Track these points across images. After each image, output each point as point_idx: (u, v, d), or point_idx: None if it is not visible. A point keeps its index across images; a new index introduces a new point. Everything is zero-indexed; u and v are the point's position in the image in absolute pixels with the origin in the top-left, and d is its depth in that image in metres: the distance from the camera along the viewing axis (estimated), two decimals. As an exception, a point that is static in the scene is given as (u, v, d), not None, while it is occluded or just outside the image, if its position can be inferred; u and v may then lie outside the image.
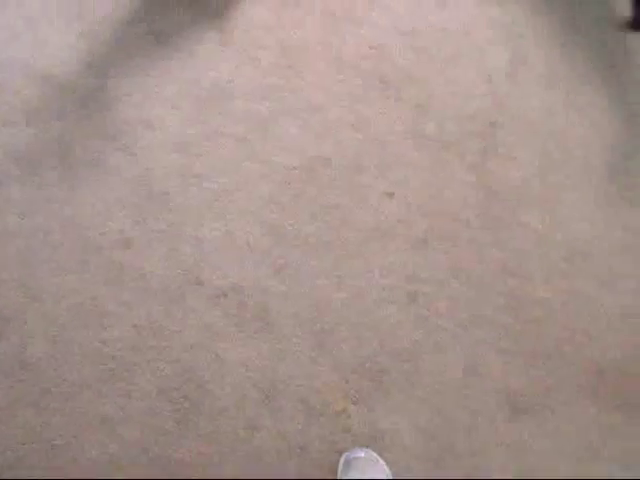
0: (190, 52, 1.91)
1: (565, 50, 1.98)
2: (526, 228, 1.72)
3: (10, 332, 1.64)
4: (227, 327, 1.59)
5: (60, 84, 1.89)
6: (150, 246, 1.68)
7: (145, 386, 1.56)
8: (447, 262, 1.67)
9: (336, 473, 1.44)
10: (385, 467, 1.40)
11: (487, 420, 1.55)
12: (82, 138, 1.82)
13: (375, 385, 1.56)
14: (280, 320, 1.60)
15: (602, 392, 1.60)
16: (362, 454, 1.39)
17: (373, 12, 1.99)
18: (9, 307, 1.67)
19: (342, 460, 1.40)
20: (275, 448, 1.49)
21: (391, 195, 1.75)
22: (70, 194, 1.77)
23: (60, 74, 1.90)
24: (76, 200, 1.76)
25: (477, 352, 1.59)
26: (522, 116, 1.87)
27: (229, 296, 1.62)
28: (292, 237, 1.69)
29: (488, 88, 1.90)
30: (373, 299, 1.63)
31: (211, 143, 1.78)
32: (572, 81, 1.94)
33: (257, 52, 1.89)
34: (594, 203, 1.78)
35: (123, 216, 1.71)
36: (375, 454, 1.42)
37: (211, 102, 1.83)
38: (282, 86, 1.84)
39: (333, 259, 1.66)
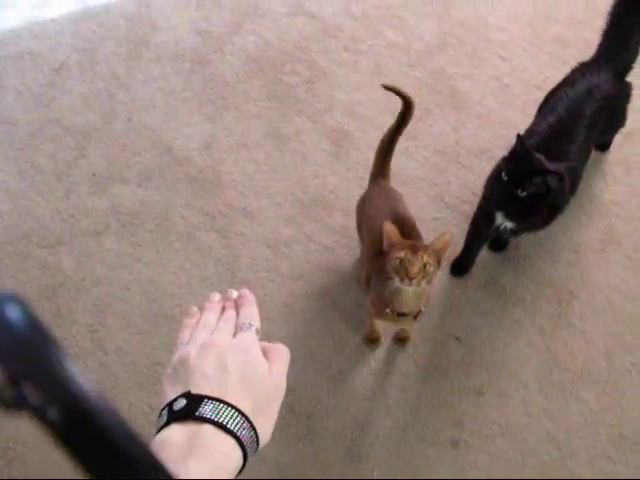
0: (303, 156, 2.32)
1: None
2: (582, 404, 1.95)
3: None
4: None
5: (178, 156, 2.32)
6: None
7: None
8: (497, 418, 1.91)
9: None
10: None
11: None
12: (184, 210, 2.21)
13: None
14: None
15: None
16: None
17: (481, 161, 2.37)
18: (74, 348, 2.00)
19: None
20: None
21: (458, 339, 2.04)
22: (158, 259, 2.13)
23: (181, 147, 2.33)
24: (162, 266, 2.12)
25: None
26: (602, 293, 2.15)
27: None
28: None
29: (575, 258, 2.21)
30: (416, 435, 1.88)
31: (301, 248, 2.13)
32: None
33: (365, 173, 2.28)
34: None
35: (202, 294, 2.06)
36: None
37: (310, 208, 2.21)
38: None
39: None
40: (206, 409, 0.53)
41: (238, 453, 0.53)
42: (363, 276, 1.80)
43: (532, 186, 1.69)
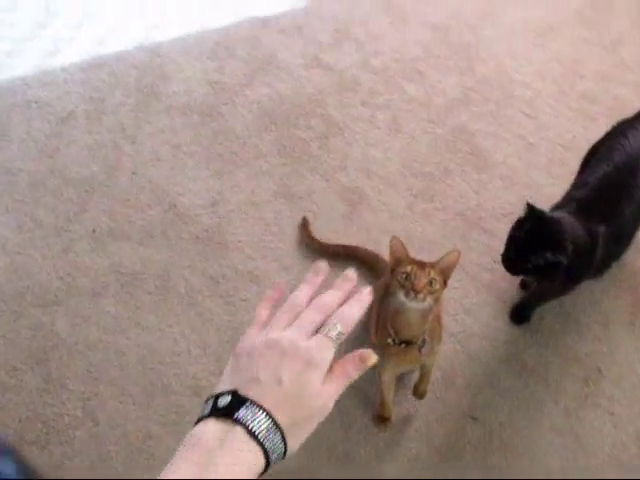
0: (315, 216, 2.24)
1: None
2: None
3: (55, 442, 1.87)
4: None
5: (183, 214, 2.25)
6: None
7: None
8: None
9: None
10: None
11: None
12: (187, 272, 2.13)
13: None
14: None
15: None
16: None
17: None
18: (64, 417, 1.90)
19: None
20: None
21: (475, 419, 1.92)
22: (157, 323, 2.05)
23: (186, 204, 2.26)
24: (162, 331, 2.03)
25: None
26: (633, 371, 2.02)
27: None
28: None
29: (603, 331, 2.08)
30: None
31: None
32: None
33: (378, 235, 2.20)
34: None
35: (203, 364, 1.96)
36: None
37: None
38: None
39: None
40: (244, 413, 0.57)
41: (261, 461, 0.57)
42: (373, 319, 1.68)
43: (538, 259, 1.60)
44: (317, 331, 0.64)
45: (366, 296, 0.69)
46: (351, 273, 0.72)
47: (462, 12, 2.81)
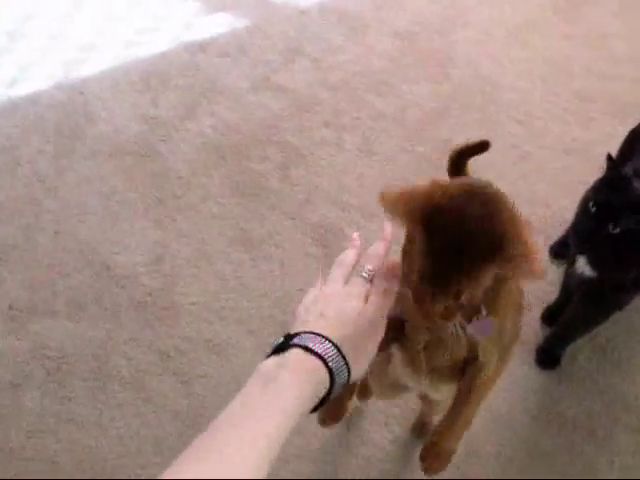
0: (282, 264, 1.85)
1: None
2: None
3: None
4: None
5: (119, 276, 1.84)
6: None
7: None
8: None
9: None
10: None
11: None
12: (129, 348, 1.71)
13: None
14: None
15: None
16: None
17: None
18: None
19: None
20: None
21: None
22: (96, 418, 1.63)
23: (123, 264, 1.86)
24: (102, 428, 1.61)
25: None
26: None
27: None
28: None
29: None
30: None
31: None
32: None
33: (362, 278, 1.82)
34: None
35: (159, 465, 1.54)
36: None
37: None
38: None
39: None
40: (296, 340, 0.65)
41: (324, 372, 0.63)
42: None
43: (629, 221, 1.28)
44: None
45: (388, 233, 0.79)
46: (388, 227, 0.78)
47: (426, 17, 2.51)
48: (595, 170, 1.83)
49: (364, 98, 2.24)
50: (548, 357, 1.70)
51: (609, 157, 1.34)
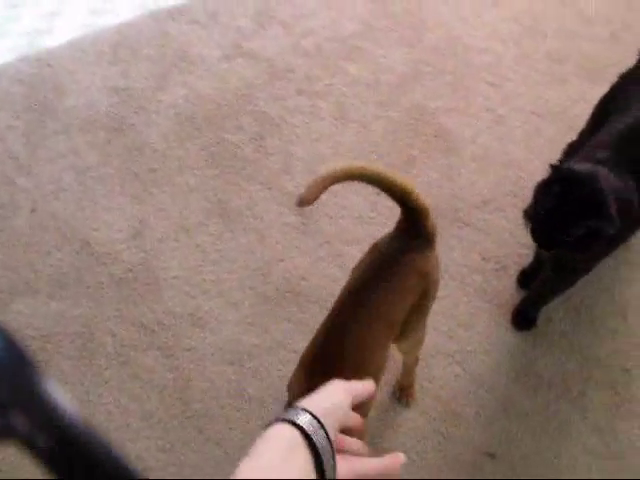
0: (261, 235, 1.88)
1: None
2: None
3: None
4: None
5: (99, 253, 1.85)
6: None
7: None
8: None
9: None
10: None
11: None
12: (113, 325, 1.74)
13: None
14: None
15: None
16: None
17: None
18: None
19: None
20: None
21: (492, 456, 1.60)
22: (83, 395, 1.66)
23: (102, 241, 1.87)
24: (89, 404, 1.65)
25: None
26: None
27: None
28: None
29: (623, 324, 1.81)
30: None
31: (271, 359, 1.67)
32: None
33: (341, 246, 1.85)
34: None
35: (148, 438, 1.59)
36: None
37: (278, 303, 1.76)
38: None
39: None
40: None
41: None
42: None
43: (579, 229, 1.31)
44: None
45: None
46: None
47: (397, -21, 2.50)
48: (567, 132, 1.88)
49: (337, 64, 2.24)
50: (524, 319, 1.76)
51: (552, 165, 1.36)
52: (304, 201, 1.06)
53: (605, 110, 1.65)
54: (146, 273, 1.81)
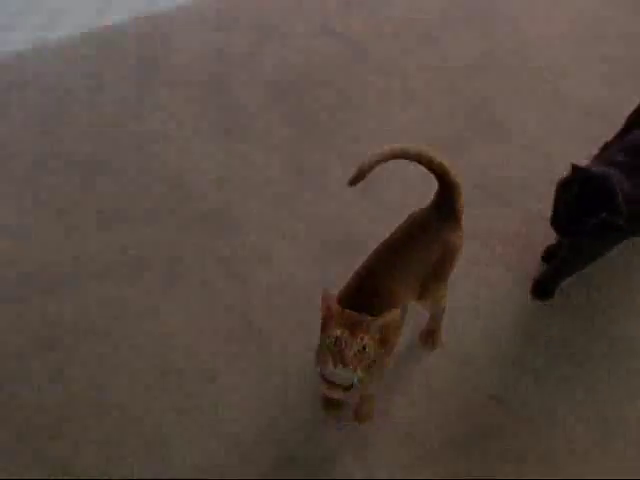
0: (328, 193, 2.20)
1: None
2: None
3: (67, 431, 1.85)
4: None
5: (189, 191, 2.21)
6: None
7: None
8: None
9: None
10: None
11: None
12: (195, 253, 2.10)
13: None
14: None
15: None
16: None
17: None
18: (74, 405, 1.89)
19: None
20: None
21: (497, 400, 1.89)
22: (154, 312, 2.01)
23: (194, 182, 2.21)
24: (173, 316, 2.00)
25: None
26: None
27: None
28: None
29: (632, 306, 2.05)
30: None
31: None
32: None
33: (394, 212, 2.16)
34: None
35: (214, 343, 1.94)
36: None
37: (335, 251, 2.06)
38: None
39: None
40: None
41: None
42: None
43: (593, 220, 1.61)
44: None
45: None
46: None
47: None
48: (611, 131, 2.10)
49: (411, 49, 2.52)
50: (542, 289, 2.04)
51: (573, 165, 1.62)
52: (354, 182, 1.38)
53: (638, 116, 1.90)
54: (228, 213, 2.15)
